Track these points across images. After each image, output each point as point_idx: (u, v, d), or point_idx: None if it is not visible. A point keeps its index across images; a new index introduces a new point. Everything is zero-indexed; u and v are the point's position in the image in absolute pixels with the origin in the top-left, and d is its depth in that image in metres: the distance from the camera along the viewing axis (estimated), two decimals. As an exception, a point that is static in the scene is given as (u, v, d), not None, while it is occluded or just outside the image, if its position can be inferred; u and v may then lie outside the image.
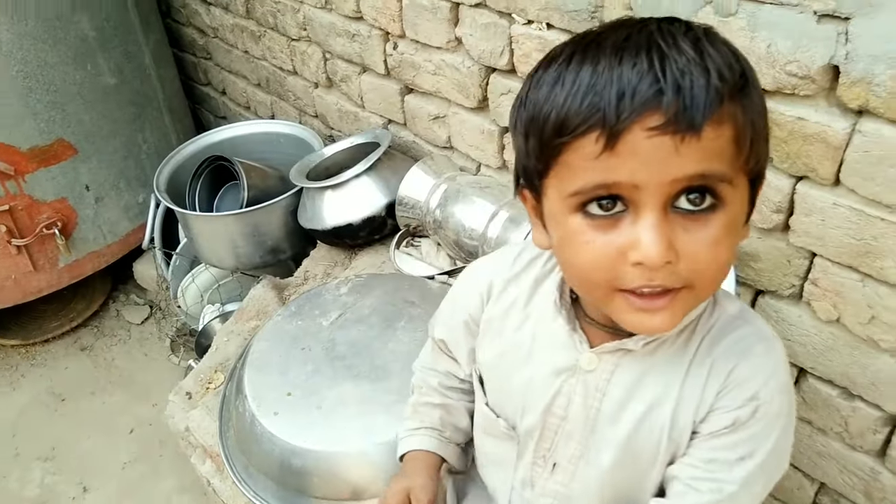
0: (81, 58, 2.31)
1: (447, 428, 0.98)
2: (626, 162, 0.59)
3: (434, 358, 1.02)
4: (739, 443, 0.74)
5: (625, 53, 0.59)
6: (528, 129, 0.65)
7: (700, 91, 0.58)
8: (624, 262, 0.62)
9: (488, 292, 0.88)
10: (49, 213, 2.39)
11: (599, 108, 0.58)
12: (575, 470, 0.82)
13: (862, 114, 1.11)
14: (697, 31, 0.63)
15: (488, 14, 1.59)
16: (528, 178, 0.69)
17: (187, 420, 1.62)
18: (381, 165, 1.90)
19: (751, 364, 0.74)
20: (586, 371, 0.78)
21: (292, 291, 1.94)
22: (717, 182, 0.61)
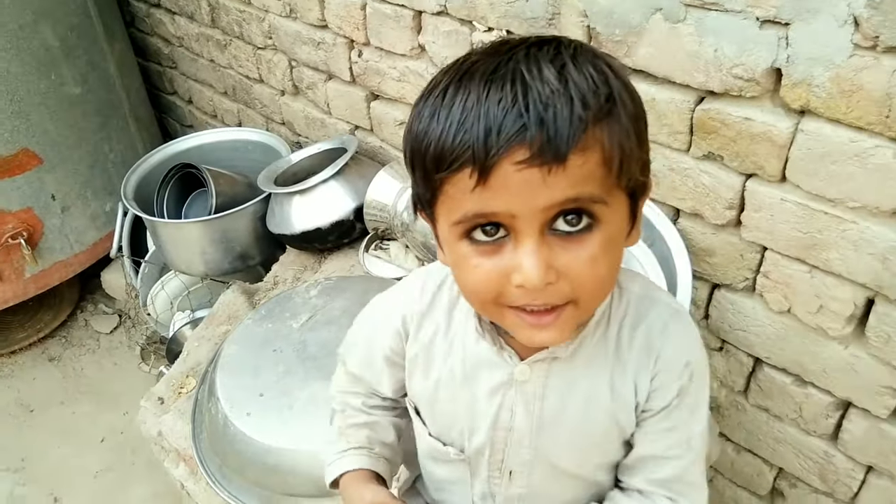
0: (45, 67, 2.31)
1: (375, 445, 0.98)
2: (499, 194, 0.61)
3: (350, 383, 1.02)
4: (688, 402, 0.81)
5: (492, 86, 0.61)
6: (414, 161, 0.68)
7: (563, 122, 0.59)
8: (509, 283, 0.65)
9: (405, 330, 0.89)
10: (14, 223, 2.38)
11: (469, 144, 0.60)
12: (531, 472, 0.86)
13: (804, 113, 1.17)
14: (565, 54, 0.63)
15: (450, 22, 1.63)
16: (421, 204, 0.72)
17: (160, 425, 1.63)
18: (348, 170, 1.93)
19: (674, 342, 0.79)
20: (522, 382, 0.81)
21: (262, 296, 1.96)
22: (590, 203, 0.63)
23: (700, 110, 1.29)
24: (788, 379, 1.44)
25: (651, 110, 1.36)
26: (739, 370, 1.52)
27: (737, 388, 1.55)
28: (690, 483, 0.83)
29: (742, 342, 1.48)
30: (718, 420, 1.61)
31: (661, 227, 1.44)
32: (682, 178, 1.39)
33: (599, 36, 1.36)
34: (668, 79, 1.31)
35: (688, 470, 0.82)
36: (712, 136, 1.29)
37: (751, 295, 1.42)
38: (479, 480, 0.90)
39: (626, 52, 1.33)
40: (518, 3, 1.45)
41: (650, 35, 1.28)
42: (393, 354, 0.92)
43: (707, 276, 1.46)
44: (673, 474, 0.82)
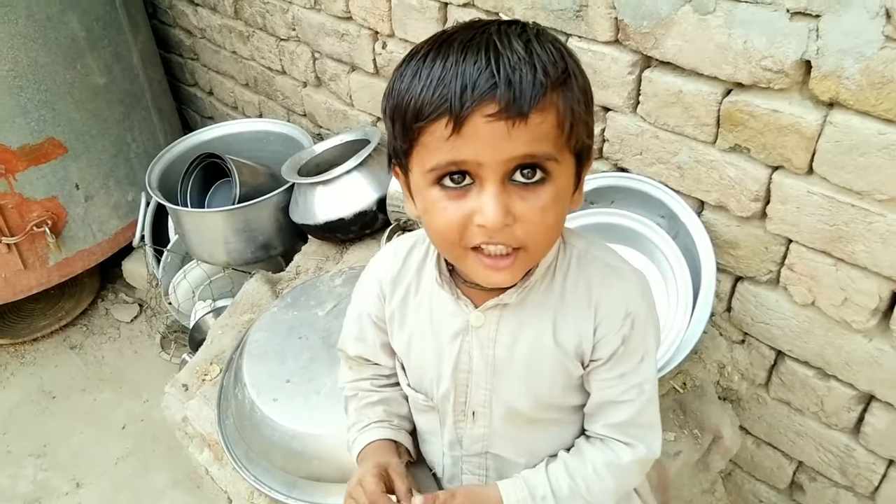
0: (71, 57, 2.33)
1: (393, 418, 1.05)
2: (469, 143, 0.71)
3: (355, 371, 1.10)
4: (634, 350, 0.89)
5: (468, 52, 0.71)
6: (394, 115, 0.77)
7: (527, 85, 0.70)
8: (471, 224, 0.75)
9: (381, 292, 0.99)
10: (39, 211, 2.41)
11: (447, 98, 0.70)
12: (490, 411, 0.95)
13: (833, 106, 1.18)
14: (530, 32, 0.75)
15: (476, 13, 1.64)
16: (397, 156, 0.81)
17: (185, 410, 1.65)
18: (371, 161, 1.94)
19: (611, 293, 0.88)
20: (476, 328, 0.91)
21: (285, 286, 1.97)
22: (544, 160, 0.74)
23: (727, 102, 1.29)
24: (811, 372, 1.45)
25: (678, 102, 1.37)
26: (761, 363, 1.53)
27: (758, 381, 1.56)
28: (645, 426, 0.93)
29: (764, 335, 1.48)
30: (739, 413, 1.61)
31: (685, 218, 1.44)
32: (708, 171, 1.39)
33: (627, 28, 1.36)
34: (695, 71, 1.31)
35: (641, 413, 0.91)
36: (739, 128, 1.30)
37: (774, 287, 1.42)
38: (447, 427, 0.99)
39: (654, 44, 1.34)
40: (545, -6, 1.46)
41: (679, 27, 1.29)
42: (378, 321, 1.01)
43: (730, 268, 1.47)
44: (627, 418, 0.91)
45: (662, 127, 1.42)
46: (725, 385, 1.57)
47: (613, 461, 0.92)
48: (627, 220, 1.53)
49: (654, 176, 1.49)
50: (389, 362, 1.06)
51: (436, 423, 1.00)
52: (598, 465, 0.92)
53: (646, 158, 1.49)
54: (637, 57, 1.39)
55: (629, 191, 1.51)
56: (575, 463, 0.93)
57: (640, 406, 0.91)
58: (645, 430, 0.93)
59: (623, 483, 0.94)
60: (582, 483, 0.91)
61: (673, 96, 1.37)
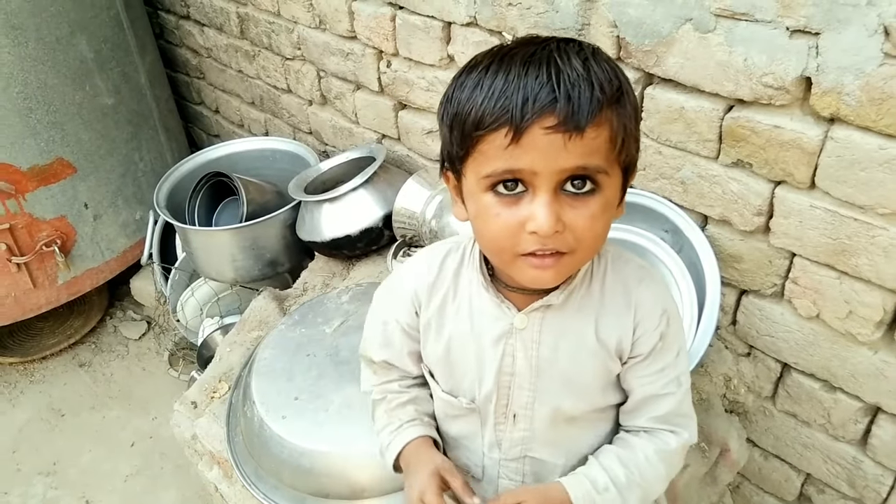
0: (80, 79, 2.36)
1: (423, 416, 1.06)
2: (527, 153, 0.75)
3: (380, 375, 1.10)
4: (671, 345, 0.94)
5: (530, 67, 0.75)
6: (453, 123, 0.80)
7: (585, 101, 0.73)
8: (523, 231, 0.78)
9: (417, 301, 1.00)
10: (48, 230, 2.43)
11: (508, 109, 0.74)
12: (532, 414, 0.97)
13: (834, 121, 1.19)
14: (587, 50, 0.78)
15: (479, 32, 1.66)
16: (451, 162, 0.85)
17: (194, 428, 1.66)
18: (377, 178, 1.96)
19: (648, 292, 0.93)
20: (520, 330, 0.93)
21: (292, 302, 1.99)
22: (595, 172, 0.77)
23: (729, 118, 1.31)
24: (817, 384, 1.45)
25: (680, 119, 1.38)
26: (767, 376, 1.53)
27: (764, 394, 1.56)
28: (685, 414, 0.98)
29: (770, 348, 1.49)
30: (746, 426, 1.62)
31: (689, 233, 1.45)
32: (711, 186, 1.40)
33: (629, 46, 1.38)
34: (697, 87, 1.33)
35: (682, 403, 0.96)
36: (741, 143, 1.31)
37: (779, 301, 1.43)
38: (488, 429, 1.00)
39: (656, 62, 1.36)
40: (548, 13, 1.48)
41: (680, 45, 1.31)
42: (408, 328, 1.03)
43: (735, 282, 1.48)
44: (670, 409, 0.95)
45: (665, 143, 1.43)
46: (732, 398, 1.57)
47: (663, 448, 0.96)
48: (632, 235, 1.54)
49: (658, 191, 1.50)
50: (415, 369, 1.07)
51: (475, 426, 1.02)
52: (648, 453, 0.95)
53: (649, 174, 1.50)
54: (639, 74, 1.41)
55: (633, 206, 1.53)
56: (626, 453, 0.96)
57: (680, 397, 0.96)
58: (686, 419, 0.98)
59: (671, 468, 0.98)
60: (636, 471, 0.94)
61: (675, 113, 1.38)
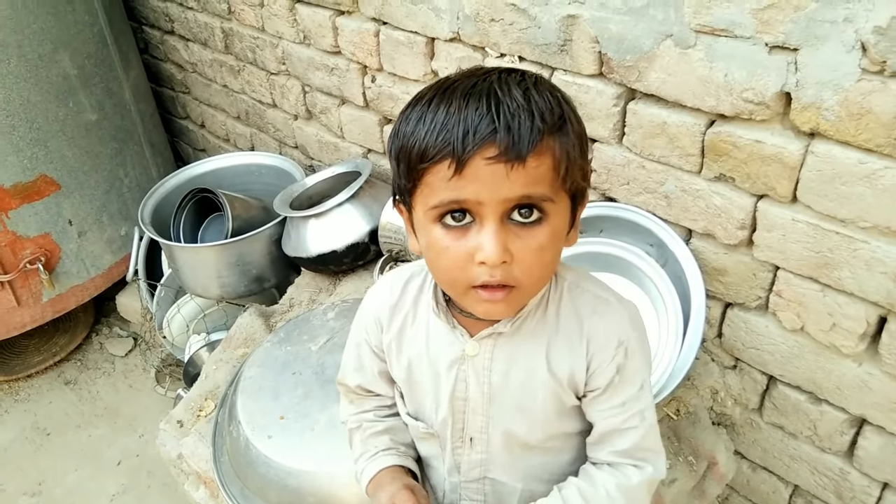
0: (63, 95, 2.35)
1: (399, 445, 1.07)
2: (470, 183, 0.75)
3: (357, 404, 1.12)
4: (631, 378, 0.92)
5: (470, 99, 0.76)
6: (399, 156, 0.81)
7: (525, 130, 0.74)
8: (472, 262, 0.79)
9: (379, 322, 1.02)
10: (32, 248, 2.41)
11: (450, 141, 0.75)
12: (488, 437, 0.98)
13: (814, 136, 1.20)
14: (529, 81, 0.79)
15: (462, 48, 1.67)
16: (401, 194, 0.86)
17: (180, 447, 1.65)
18: (362, 193, 1.96)
19: (602, 324, 0.92)
20: (472, 356, 0.94)
21: (279, 318, 1.98)
22: (541, 201, 0.78)
23: (711, 133, 1.31)
24: (803, 396, 1.46)
25: (662, 133, 1.39)
26: (753, 388, 1.54)
27: (751, 406, 1.57)
28: (650, 449, 0.96)
29: (756, 360, 1.49)
30: (733, 438, 1.62)
31: (673, 247, 1.46)
32: (694, 199, 1.41)
33: (611, 61, 1.39)
34: (679, 102, 1.34)
35: (646, 438, 0.95)
36: (724, 158, 1.32)
37: (764, 313, 1.44)
38: (447, 453, 1.01)
39: (638, 77, 1.37)
40: (530, 29, 1.48)
41: (661, 60, 1.31)
42: (377, 349, 1.04)
43: (720, 295, 1.48)
44: (633, 444, 0.94)
45: (648, 157, 1.44)
46: (719, 410, 1.57)
47: (624, 483, 0.94)
48: (617, 249, 1.54)
49: (642, 205, 1.51)
50: (389, 391, 1.08)
51: (437, 449, 1.03)
52: (609, 489, 0.94)
53: (633, 188, 1.51)
54: (621, 89, 1.42)
55: (618, 220, 1.53)
56: (587, 487, 0.95)
57: (643, 432, 0.94)
58: (651, 453, 0.96)
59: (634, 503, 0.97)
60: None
61: (658, 127, 1.39)
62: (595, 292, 0.95)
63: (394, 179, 0.86)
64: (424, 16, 1.70)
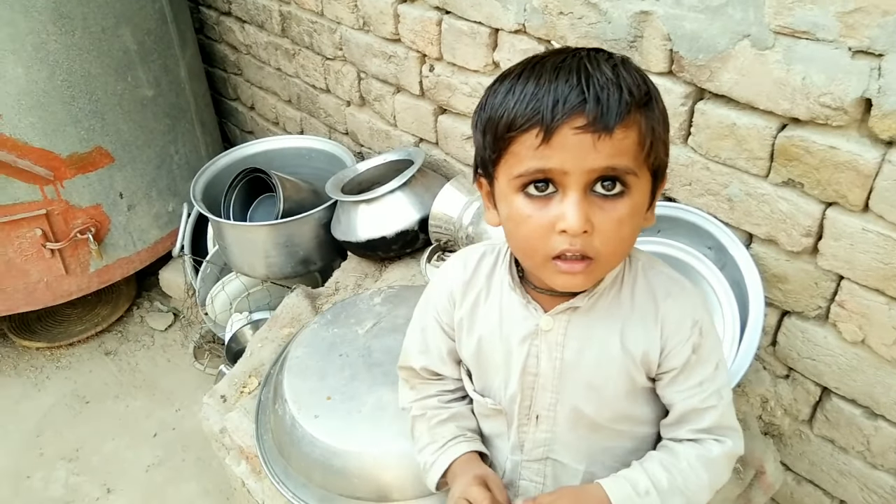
0: (123, 69, 2.39)
1: (465, 431, 1.06)
2: (557, 152, 0.76)
3: (419, 390, 1.11)
4: (707, 357, 0.93)
5: (560, 72, 0.78)
6: (486, 127, 0.83)
7: (614, 102, 0.76)
8: (553, 231, 0.80)
9: (452, 298, 1.03)
10: (84, 218, 2.45)
11: (539, 111, 0.76)
12: (555, 415, 0.97)
13: (892, 144, 1.17)
14: (616, 59, 0.81)
15: (527, 40, 1.66)
16: (484, 166, 0.87)
17: (224, 422, 1.66)
18: (414, 182, 1.96)
19: (676, 306, 0.93)
20: (545, 331, 0.94)
21: (324, 301, 1.99)
22: (625, 173, 0.79)
23: (783, 137, 1.29)
24: (858, 411, 1.43)
25: (731, 135, 1.37)
26: (805, 399, 1.51)
27: (801, 418, 1.54)
28: (729, 427, 0.96)
29: (810, 371, 1.46)
30: (780, 449, 1.59)
31: (733, 251, 1.43)
32: (759, 204, 1.39)
33: (682, 60, 1.37)
34: (750, 104, 1.31)
35: (724, 416, 0.95)
36: (794, 162, 1.29)
37: (823, 324, 1.41)
38: (513, 430, 1.01)
39: (709, 77, 1.35)
40: (600, 24, 1.47)
41: (735, 61, 1.29)
42: (446, 326, 1.05)
43: (778, 302, 1.46)
44: (714, 422, 0.94)
45: (714, 159, 1.42)
46: (768, 420, 1.55)
47: (704, 454, 0.94)
48: (674, 250, 1.53)
49: (703, 207, 1.49)
50: (455, 372, 1.08)
51: (503, 427, 1.03)
52: (691, 460, 0.94)
53: (695, 189, 1.49)
54: (691, 88, 1.40)
55: (677, 220, 1.51)
56: (669, 458, 0.95)
57: (722, 410, 0.95)
58: (730, 430, 0.97)
59: (715, 476, 0.96)
60: (679, 477, 0.93)
61: (726, 129, 1.37)
62: (669, 274, 0.96)
63: (477, 153, 0.88)
64: (490, 6, 1.69)
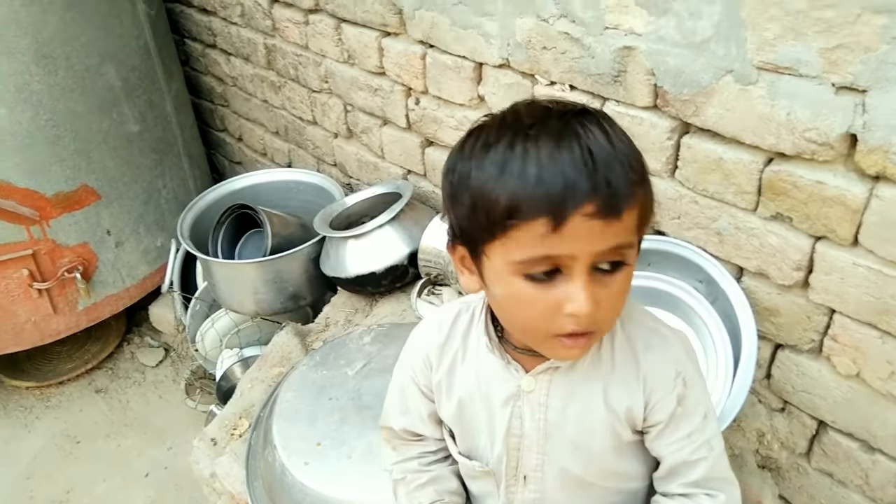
0: (107, 106, 2.37)
1: (444, 496, 1.05)
2: (566, 240, 0.73)
3: (400, 451, 1.09)
4: (693, 408, 0.91)
5: (559, 148, 0.72)
6: (475, 204, 0.76)
7: (622, 185, 0.73)
8: (559, 312, 0.77)
9: (428, 362, 1.00)
10: (71, 256, 2.43)
11: (547, 198, 0.71)
12: (542, 475, 0.95)
13: (879, 179, 1.16)
14: (605, 123, 0.76)
15: (511, 74, 1.65)
16: (467, 239, 0.81)
17: (213, 466, 1.64)
18: (403, 216, 1.95)
19: (657, 359, 0.90)
20: (528, 392, 0.92)
21: (315, 338, 1.97)
22: (627, 248, 0.77)
23: (769, 171, 1.28)
24: (855, 444, 1.41)
25: (718, 169, 1.36)
26: (802, 432, 1.49)
27: (798, 451, 1.52)
28: (722, 478, 0.94)
29: (806, 404, 1.45)
30: (778, 482, 1.57)
31: (724, 285, 1.42)
32: (748, 238, 1.37)
33: (667, 94, 1.36)
34: (736, 139, 1.31)
35: (715, 468, 0.92)
36: (781, 197, 1.28)
37: (817, 357, 1.39)
38: (501, 490, 0.99)
39: (694, 111, 1.34)
40: (584, 59, 1.46)
41: (720, 96, 1.28)
42: (425, 389, 1.03)
43: (771, 335, 1.44)
44: (705, 474, 0.92)
45: (702, 193, 1.41)
46: (765, 454, 1.53)
47: None
48: (665, 285, 1.51)
49: (693, 240, 1.48)
50: (436, 432, 1.06)
51: (492, 487, 1.01)
52: None
53: (684, 223, 1.47)
54: (676, 123, 1.39)
55: (667, 254, 1.50)
56: None
57: (712, 461, 0.92)
58: (723, 482, 0.94)
59: None
60: None
61: (713, 163, 1.36)
62: (648, 325, 0.93)
63: (458, 223, 0.81)
64: (473, 41, 1.69)
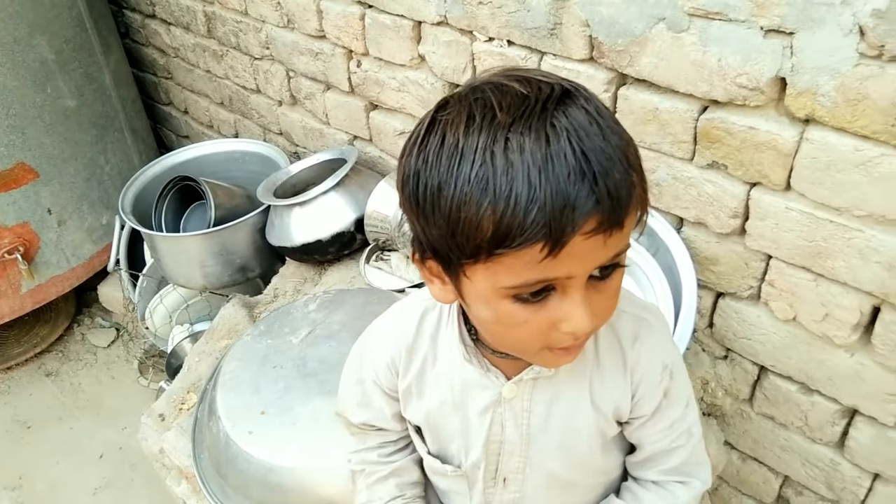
0: (41, 80, 2.29)
1: (405, 489, 1.03)
2: (563, 262, 0.63)
3: (360, 439, 1.05)
4: (677, 398, 0.89)
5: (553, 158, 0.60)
6: (455, 229, 0.63)
7: (625, 192, 0.62)
8: (556, 330, 0.69)
9: (393, 367, 0.94)
10: (10, 237, 2.35)
11: (545, 224, 0.60)
12: (524, 478, 0.93)
13: (809, 122, 1.17)
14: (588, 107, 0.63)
15: (450, 32, 1.62)
16: (442, 258, 0.69)
17: (161, 442, 1.61)
18: (348, 181, 1.92)
19: (645, 350, 0.86)
20: (509, 399, 0.87)
21: (262, 309, 1.94)
22: (624, 251, 0.69)
23: (704, 119, 1.28)
24: (794, 387, 1.44)
25: (654, 119, 1.35)
26: (744, 378, 1.51)
27: (742, 397, 1.54)
28: (697, 462, 0.94)
29: (747, 350, 1.47)
30: (724, 428, 1.60)
31: (664, 236, 1.43)
32: (686, 188, 1.38)
33: (602, 45, 1.35)
34: (671, 88, 1.30)
35: (693, 454, 0.92)
36: (716, 145, 1.29)
37: (756, 303, 1.41)
38: (477, 491, 0.96)
39: (629, 62, 1.33)
40: (519, 12, 1.44)
41: (653, 45, 1.28)
42: (390, 392, 0.97)
43: (711, 284, 1.46)
44: (682, 461, 0.92)
45: (640, 144, 1.40)
46: (709, 401, 1.55)
47: (671, 502, 0.92)
48: (607, 239, 1.51)
49: (633, 193, 1.48)
50: (398, 427, 1.02)
51: (462, 486, 0.98)
52: None
53: (623, 176, 1.47)
54: (612, 74, 1.38)
55: (608, 209, 1.50)
56: None
57: (691, 449, 0.92)
58: (696, 467, 0.94)
59: None
60: None
61: (649, 113, 1.35)
62: (632, 312, 0.86)
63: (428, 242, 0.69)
64: (410, -2, 1.66)
